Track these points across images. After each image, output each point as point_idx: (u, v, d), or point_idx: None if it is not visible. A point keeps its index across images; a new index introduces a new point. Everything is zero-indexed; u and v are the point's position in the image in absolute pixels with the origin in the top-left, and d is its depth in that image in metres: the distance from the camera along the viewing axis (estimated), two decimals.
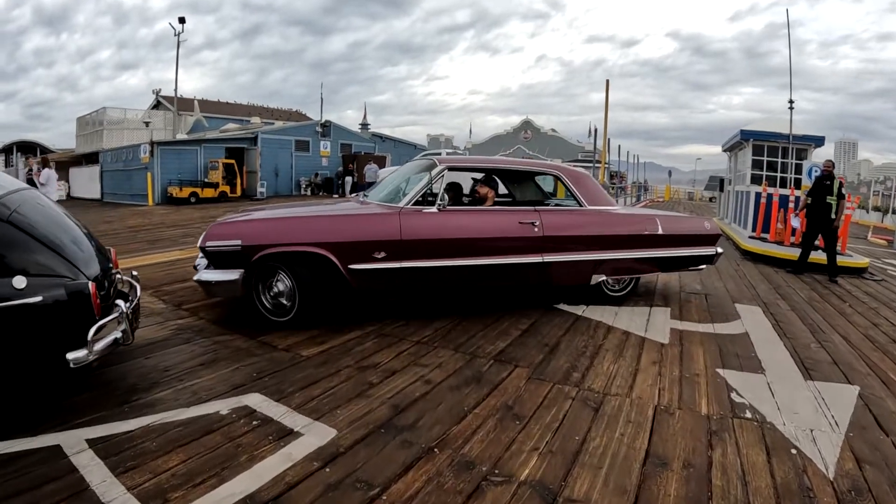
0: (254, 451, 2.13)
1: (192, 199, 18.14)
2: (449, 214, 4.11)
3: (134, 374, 2.90)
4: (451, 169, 4.26)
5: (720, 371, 3.25)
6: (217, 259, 3.73)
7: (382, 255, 3.76)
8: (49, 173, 9.22)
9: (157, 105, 29.65)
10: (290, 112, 39.70)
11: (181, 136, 22.73)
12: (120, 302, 2.65)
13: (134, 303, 2.99)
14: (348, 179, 20.77)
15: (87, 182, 22.23)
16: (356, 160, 21.69)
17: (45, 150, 27.96)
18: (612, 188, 18.53)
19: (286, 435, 2.27)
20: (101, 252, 2.97)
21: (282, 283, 3.75)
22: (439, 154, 15.97)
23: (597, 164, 16.80)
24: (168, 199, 18.15)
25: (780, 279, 6.71)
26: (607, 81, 13.70)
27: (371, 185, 17.96)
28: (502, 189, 5.48)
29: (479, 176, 4.94)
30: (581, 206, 4.62)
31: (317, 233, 3.73)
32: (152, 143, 18.68)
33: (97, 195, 21.14)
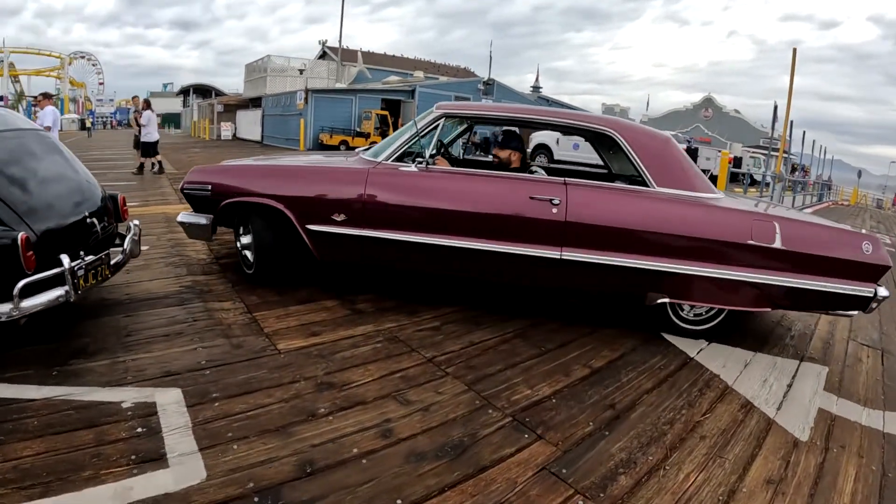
0: (102, 470, 1.73)
1: (342, 148, 18.99)
2: (431, 176, 3.24)
3: (97, 333, 2.72)
4: (449, 116, 3.46)
5: None
6: (193, 202, 3.79)
7: (342, 217, 3.24)
8: (149, 115, 10.19)
9: (322, 55, 31.80)
10: (458, 69, 39.90)
11: (339, 86, 24.10)
12: (64, 257, 2.45)
13: (113, 258, 2.92)
14: None
15: (250, 125, 24.98)
16: None
17: (218, 93, 31.91)
18: (791, 182, 15.26)
19: (152, 460, 1.79)
20: (83, 202, 2.85)
21: (247, 236, 3.59)
22: None
23: (774, 153, 13.92)
24: (319, 145, 19.42)
25: None
26: (794, 51, 10.85)
27: None
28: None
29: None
30: (647, 185, 3.18)
31: (274, 184, 3.45)
32: (307, 91, 19.97)
33: (258, 137, 23.67)
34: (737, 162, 15.88)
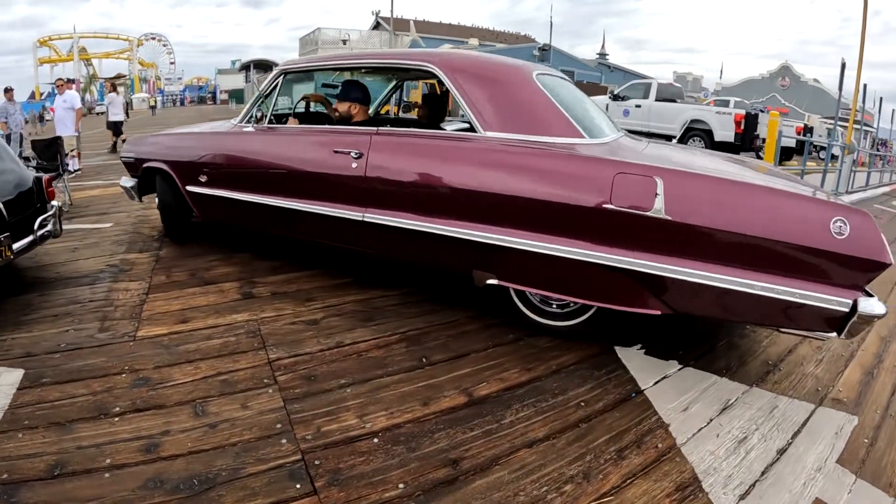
0: None
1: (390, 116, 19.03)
2: (260, 136, 3.30)
3: (2, 308, 2.82)
4: (287, 73, 3.36)
5: None
6: (128, 168, 4.26)
7: (204, 178, 3.47)
8: (113, 97, 11.20)
9: (376, 26, 31.72)
10: (518, 36, 38.59)
11: None
12: None
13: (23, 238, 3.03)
14: None
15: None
16: None
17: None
18: (870, 157, 13.32)
19: None
20: None
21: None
22: (649, 84, 13.58)
23: (845, 123, 12.19)
24: None
25: None
26: (865, 2, 9.13)
27: None
28: None
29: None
30: (474, 130, 2.51)
31: (167, 151, 3.83)
32: None
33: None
34: (810, 133, 14.26)
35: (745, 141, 11.54)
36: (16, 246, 2.94)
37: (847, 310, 1.88)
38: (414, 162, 2.60)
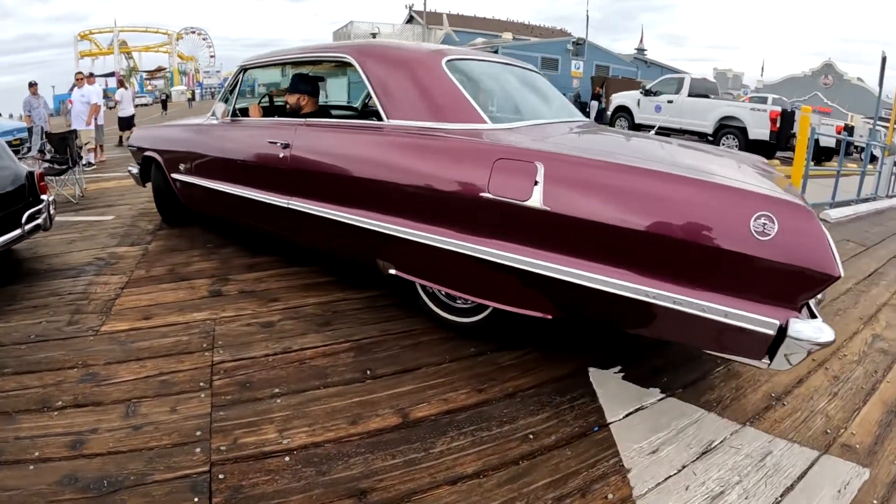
0: None
1: None
2: (223, 128, 3.54)
3: None
4: (247, 69, 3.59)
5: None
6: (133, 156, 4.73)
7: (181, 166, 3.85)
8: (122, 92, 11.19)
9: (410, 20, 31.76)
10: (553, 30, 38.07)
11: None
12: None
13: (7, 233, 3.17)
14: (594, 104, 18.64)
15: (337, 90, 25.81)
16: (605, 84, 19.46)
17: None
18: None
19: None
20: None
21: None
22: (682, 78, 13.18)
23: (893, 123, 11.36)
24: None
25: None
26: None
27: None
28: None
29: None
30: (381, 117, 2.50)
31: (159, 141, 4.21)
32: None
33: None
34: (850, 132, 13.56)
35: (781, 139, 10.97)
36: (2, 239, 3.09)
37: (773, 332, 1.54)
38: (326, 151, 2.69)
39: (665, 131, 12.24)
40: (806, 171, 5.84)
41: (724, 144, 11.07)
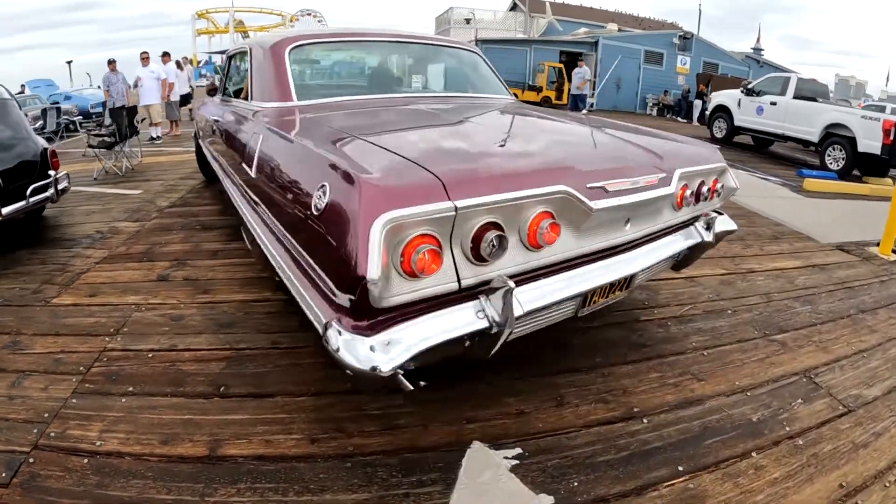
0: None
1: None
2: (214, 106, 4.19)
3: None
4: (231, 56, 4.21)
5: None
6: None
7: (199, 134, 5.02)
8: (178, 72, 10.36)
9: (513, 7, 31.19)
10: (664, 24, 35.63)
11: (519, 36, 23.81)
12: None
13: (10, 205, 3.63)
14: (697, 103, 17.36)
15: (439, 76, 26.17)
16: (710, 81, 18.07)
17: None
18: None
19: None
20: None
21: None
22: (788, 78, 11.83)
23: None
24: None
25: None
26: None
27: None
28: None
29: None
30: (248, 98, 3.11)
31: (199, 113, 5.16)
32: (476, 41, 20.04)
33: None
34: None
35: (894, 154, 9.35)
36: (6, 210, 3.64)
37: (321, 330, 1.36)
38: (226, 128, 3.37)
39: (766, 137, 10.94)
40: None
41: (829, 157, 9.77)
